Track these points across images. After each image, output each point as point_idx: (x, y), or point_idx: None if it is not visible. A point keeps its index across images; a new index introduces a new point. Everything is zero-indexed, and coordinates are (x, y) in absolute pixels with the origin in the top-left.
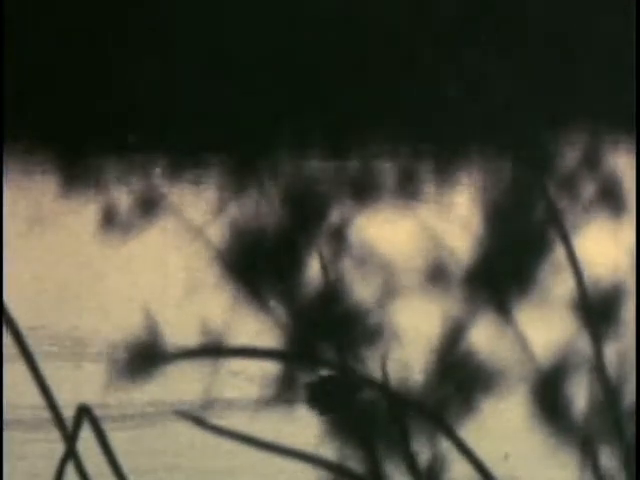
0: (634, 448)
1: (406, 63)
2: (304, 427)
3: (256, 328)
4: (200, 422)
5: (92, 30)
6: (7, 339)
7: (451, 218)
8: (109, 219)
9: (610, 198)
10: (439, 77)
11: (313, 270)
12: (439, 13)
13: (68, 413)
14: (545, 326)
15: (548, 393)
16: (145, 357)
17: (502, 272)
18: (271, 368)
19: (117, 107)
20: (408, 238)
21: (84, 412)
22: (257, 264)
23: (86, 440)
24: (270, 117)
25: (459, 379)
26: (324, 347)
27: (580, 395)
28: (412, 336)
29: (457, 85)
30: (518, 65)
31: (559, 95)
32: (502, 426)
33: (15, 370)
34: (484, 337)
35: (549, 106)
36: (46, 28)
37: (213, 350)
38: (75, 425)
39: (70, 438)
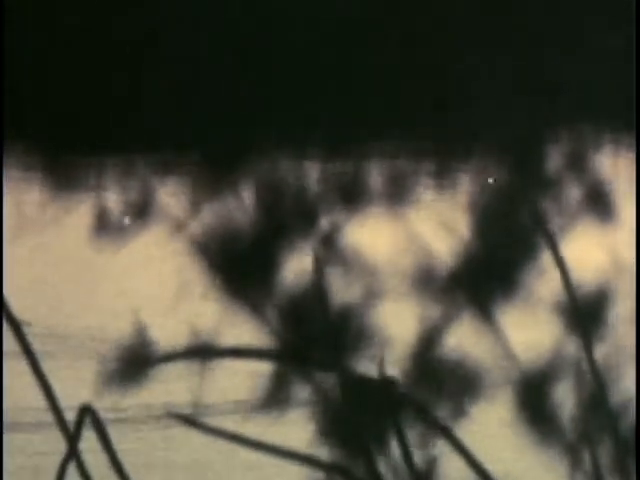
0: (624, 448)
1: (406, 63)
2: (297, 427)
3: (247, 331)
4: (194, 423)
5: (92, 30)
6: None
7: (442, 221)
8: (103, 222)
9: (600, 200)
10: (439, 77)
11: (304, 273)
12: (439, 13)
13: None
14: (530, 329)
15: (532, 396)
16: (135, 360)
17: (489, 276)
18: (263, 369)
19: (116, 108)
20: (397, 242)
21: (86, 412)
22: (247, 268)
23: (86, 440)
24: (268, 117)
25: (447, 382)
26: (315, 349)
27: (565, 397)
28: (401, 339)
29: (457, 85)
30: (518, 65)
31: (559, 95)
32: (488, 429)
33: (12, 370)
34: (471, 341)
35: (548, 106)
36: (46, 28)
37: (204, 351)
38: (77, 425)
39: (72, 438)
